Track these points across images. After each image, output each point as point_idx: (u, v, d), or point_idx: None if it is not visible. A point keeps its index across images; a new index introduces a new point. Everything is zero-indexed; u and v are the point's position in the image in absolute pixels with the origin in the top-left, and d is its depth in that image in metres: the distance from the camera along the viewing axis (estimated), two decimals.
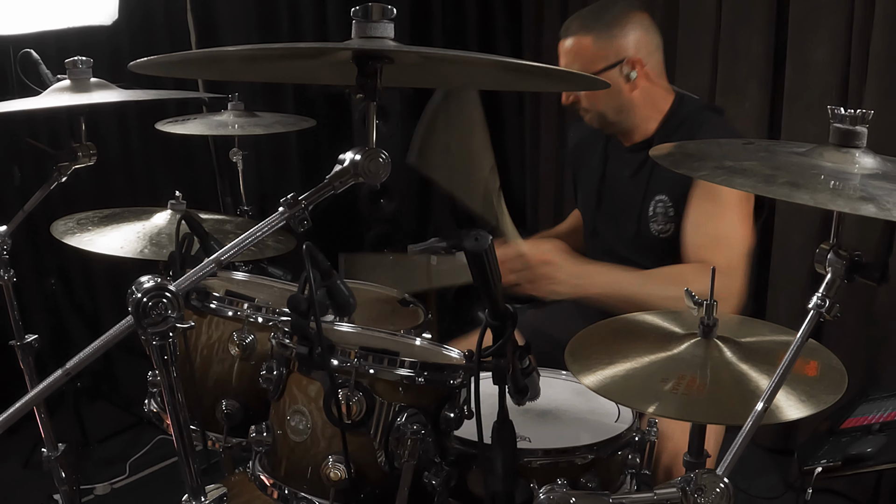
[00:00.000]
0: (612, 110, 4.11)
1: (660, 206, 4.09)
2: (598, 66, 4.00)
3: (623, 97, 4.09)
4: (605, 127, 4.24)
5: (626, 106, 4.12)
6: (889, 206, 1.96)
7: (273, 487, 2.88)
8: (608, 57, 4.01)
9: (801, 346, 2.15)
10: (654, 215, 4.11)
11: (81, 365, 2.03)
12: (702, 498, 2.03)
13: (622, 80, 4.05)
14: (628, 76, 4.05)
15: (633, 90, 4.08)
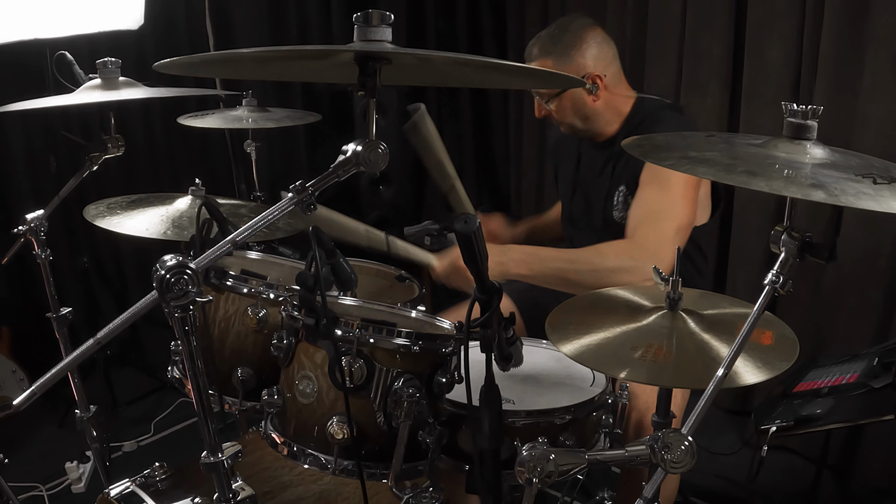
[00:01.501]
0: (579, 120, 4.14)
1: (621, 195, 4.12)
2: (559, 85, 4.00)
3: (588, 108, 4.12)
4: (576, 133, 4.26)
5: (591, 115, 4.14)
6: (837, 193, 1.97)
7: (283, 445, 2.89)
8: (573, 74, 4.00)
9: (757, 317, 2.16)
10: (617, 204, 4.14)
11: (111, 335, 2.04)
12: (668, 454, 2.03)
13: (585, 93, 4.07)
14: (590, 90, 4.06)
15: (596, 101, 4.10)
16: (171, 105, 5.70)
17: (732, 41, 5.77)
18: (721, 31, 5.78)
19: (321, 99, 7.40)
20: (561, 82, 3.61)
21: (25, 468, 5.42)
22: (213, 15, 6.93)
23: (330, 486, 3.39)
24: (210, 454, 2.28)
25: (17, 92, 4.08)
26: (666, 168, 2.27)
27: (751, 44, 5.62)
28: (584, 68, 4.06)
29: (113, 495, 3.19)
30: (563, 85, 3.97)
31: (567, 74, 2.85)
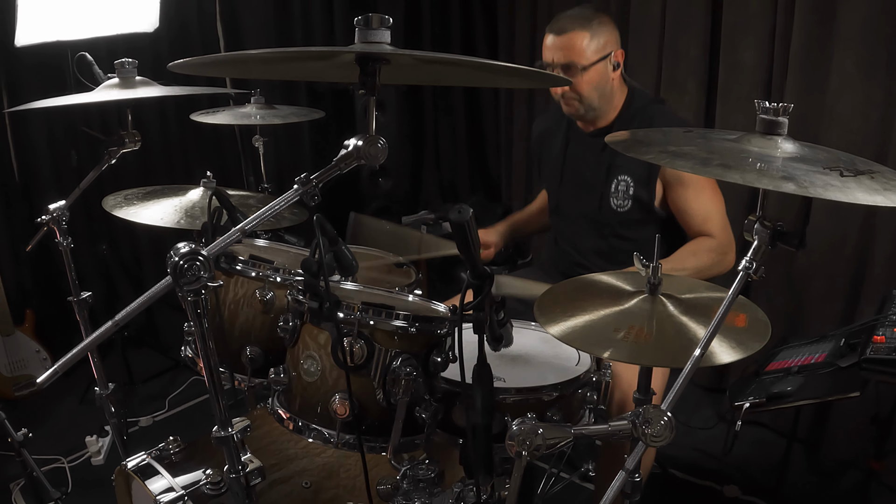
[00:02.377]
0: (598, 97, 4.09)
1: (622, 184, 4.10)
2: (593, 57, 3.98)
3: (608, 84, 4.10)
4: (587, 113, 4.20)
5: (607, 93, 4.12)
6: (806, 185, 1.98)
7: (289, 420, 2.90)
8: (602, 49, 4.00)
9: (732, 301, 2.16)
10: (616, 192, 4.12)
11: (128, 317, 2.05)
12: (648, 429, 2.04)
13: (611, 69, 4.07)
14: (615, 66, 4.06)
15: (615, 80, 4.10)
16: (184, 103, 5.70)
17: (708, 42, 5.77)
18: (698, 32, 5.77)
19: (324, 97, 7.41)
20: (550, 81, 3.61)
21: (48, 442, 5.42)
22: (224, 18, 6.95)
23: (333, 459, 3.41)
24: (221, 429, 2.30)
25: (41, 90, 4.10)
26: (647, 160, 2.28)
27: (726, 45, 5.62)
28: (612, 45, 4.06)
29: (130, 467, 3.20)
30: (552, 84, 3.97)
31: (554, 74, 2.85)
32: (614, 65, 4.09)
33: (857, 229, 5.02)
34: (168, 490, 3.04)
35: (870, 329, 3.53)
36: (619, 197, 4.12)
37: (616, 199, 4.13)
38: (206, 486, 3.04)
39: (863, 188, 2.04)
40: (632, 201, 4.10)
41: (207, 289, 2.09)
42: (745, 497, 4.93)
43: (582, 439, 2.22)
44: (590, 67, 4.02)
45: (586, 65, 4.02)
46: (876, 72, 4.75)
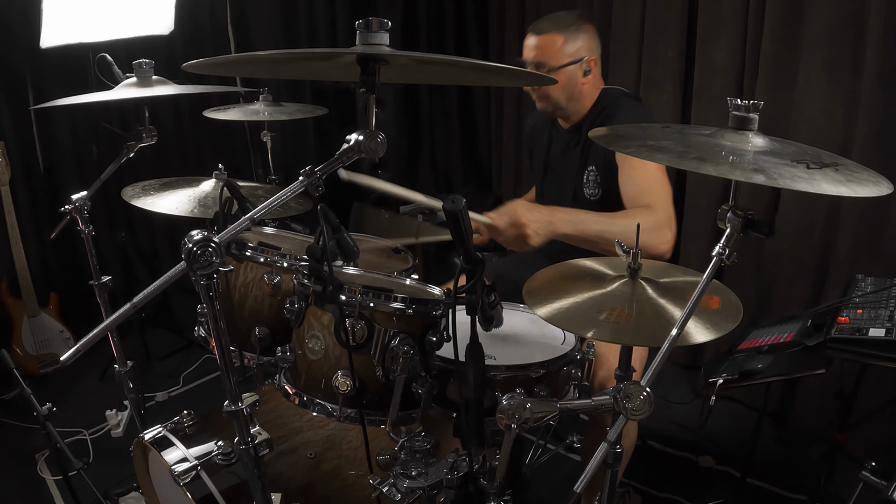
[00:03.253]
0: (565, 98, 4.10)
1: (591, 175, 4.12)
2: (563, 60, 3.99)
3: (577, 88, 4.09)
4: (555, 112, 4.23)
5: (577, 95, 4.12)
6: (775, 176, 1.98)
7: (295, 395, 2.90)
8: (574, 54, 4.01)
9: (706, 285, 2.16)
10: (587, 182, 4.14)
11: (145, 300, 2.05)
12: (629, 403, 2.04)
13: (580, 74, 4.07)
14: (586, 72, 4.06)
15: (584, 84, 4.09)
16: (198, 100, 5.68)
17: (684, 44, 5.77)
18: (674, 35, 5.77)
19: (328, 95, 7.40)
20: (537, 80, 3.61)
21: (71, 416, 5.43)
22: (234, 22, 6.95)
23: (335, 431, 3.42)
24: (231, 403, 2.30)
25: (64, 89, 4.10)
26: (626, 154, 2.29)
27: (700, 47, 5.62)
28: (585, 51, 4.05)
29: (147, 439, 3.20)
30: (537, 83, 3.97)
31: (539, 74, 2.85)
32: (585, 70, 4.09)
33: (823, 218, 5.02)
34: (182, 460, 3.05)
35: (834, 311, 3.54)
36: (591, 186, 4.13)
37: (588, 188, 4.15)
38: (218, 456, 3.05)
39: (828, 180, 2.05)
40: (601, 189, 4.11)
41: (219, 273, 2.09)
42: (718, 467, 4.94)
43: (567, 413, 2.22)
44: (559, 69, 4.02)
45: (556, 66, 4.02)
46: (840, 72, 4.76)
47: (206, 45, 6.77)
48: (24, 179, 5.98)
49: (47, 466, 5.01)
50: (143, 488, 3.65)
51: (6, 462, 5.07)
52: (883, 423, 4.65)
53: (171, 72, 3.80)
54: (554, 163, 4.46)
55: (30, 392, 3.90)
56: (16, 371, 3.84)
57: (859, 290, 3.74)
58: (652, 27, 5.95)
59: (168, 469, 3.03)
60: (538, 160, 4.61)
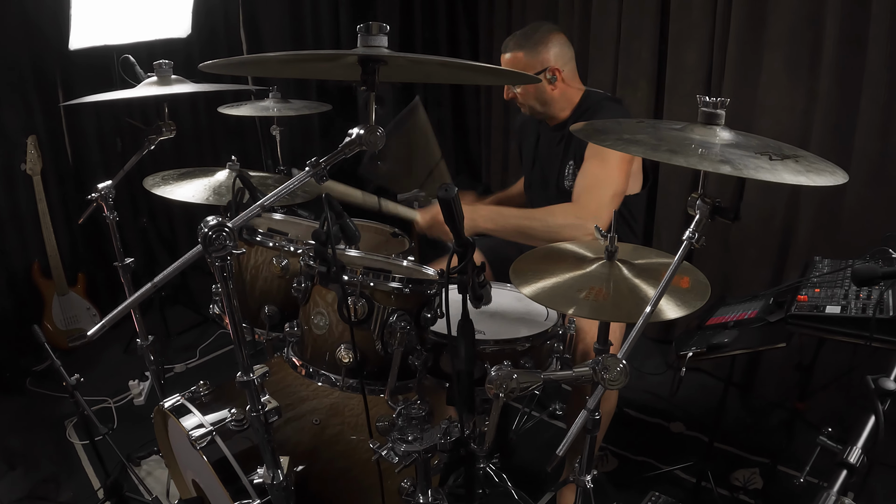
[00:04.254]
0: (538, 103, 4.14)
1: (570, 168, 4.14)
2: (529, 72, 4.01)
3: (546, 94, 4.12)
4: (535, 114, 4.27)
5: (549, 101, 4.14)
6: (740, 167, 1.99)
7: (301, 367, 2.91)
8: (536, 66, 4.04)
9: (677, 266, 2.16)
10: (567, 175, 4.16)
11: (165, 279, 2.05)
12: (607, 374, 2.05)
13: (546, 82, 4.09)
14: (550, 80, 4.08)
15: (554, 90, 4.11)
16: (213, 98, 5.69)
17: (657, 47, 5.77)
18: (648, 39, 5.77)
19: (331, 93, 7.38)
20: (521, 79, 3.61)
21: (97, 385, 5.43)
22: (246, 26, 6.94)
23: (338, 400, 3.41)
24: (243, 374, 2.31)
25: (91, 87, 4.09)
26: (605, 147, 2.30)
27: (672, 49, 5.61)
28: (547, 62, 4.07)
29: (167, 407, 3.20)
30: (523, 82, 3.99)
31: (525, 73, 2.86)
32: (549, 78, 4.11)
33: (784, 205, 5.03)
34: (199, 426, 3.05)
35: (794, 290, 3.54)
36: (569, 179, 4.16)
37: (567, 180, 4.17)
38: (231, 422, 3.06)
39: (788, 170, 2.05)
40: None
41: (232, 256, 2.10)
42: (688, 432, 4.95)
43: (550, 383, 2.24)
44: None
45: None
46: (799, 71, 4.76)
47: (220, 47, 6.75)
48: (54, 170, 5.97)
49: (75, 432, 5.01)
50: (163, 452, 3.66)
51: (38, 428, 5.08)
52: (838, 393, 4.66)
53: (188, 72, 3.82)
54: (541, 156, 4.47)
55: (59, 364, 3.90)
56: (47, 345, 3.84)
57: (817, 270, 3.75)
58: (627, 31, 5.95)
59: (186, 434, 3.04)
60: (527, 153, 4.64)
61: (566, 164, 4.19)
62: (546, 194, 4.39)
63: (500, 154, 8.04)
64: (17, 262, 5.93)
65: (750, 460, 4.58)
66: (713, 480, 4.28)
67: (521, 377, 2.17)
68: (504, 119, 7.76)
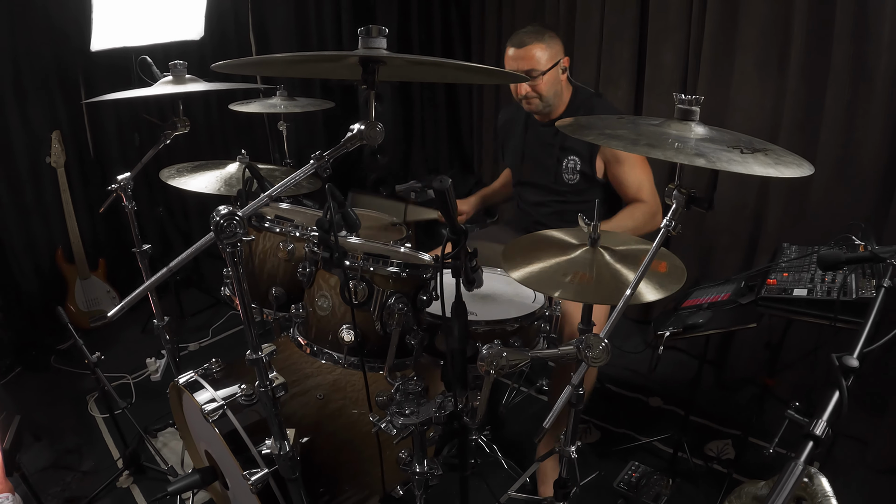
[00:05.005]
0: (552, 94, 4.12)
1: (570, 163, 4.13)
2: (549, 64, 4.03)
3: (560, 84, 4.13)
4: (544, 108, 4.23)
5: (559, 90, 4.14)
6: (714, 160, 1.99)
7: (306, 346, 2.90)
8: (554, 57, 4.03)
9: (655, 252, 2.16)
10: (566, 169, 4.15)
11: (179, 264, 2.06)
12: (590, 352, 2.05)
13: (560, 72, 4.09)
14: (564, 70, 4.09)
15: (564, 81, 4.12)
16: (224, 95, 5.70)
17: (637, 48, 5.76)
18: (628, 40, 5.76)
19: (334, 91, 7.37)
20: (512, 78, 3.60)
21: (116, 363, 5.43)
22: (255, 29, 6.93)
23: (341, 376, 3.43)
24: (252, 352, 2.32)
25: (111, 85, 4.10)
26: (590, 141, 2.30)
27: (651, 50, 5.61)
28: (560, 54, 4.09)
29: (181, 383, 3.21)
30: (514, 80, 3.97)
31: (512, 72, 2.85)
32: (563, 69, 4.12)
33: (755, 195, 5.03)
34: (211, 401, 3.06)
35: (764, 274, 3.54)
36: (569, 172, 4.14)
37: (567, 174, 4.16)
38: (241, 397, 3.07)
39: (759, 163, 2.06)
40: (579, 175, 4.12)
41: (242, 242, 2.11)
42: (666, 406, 4.96)
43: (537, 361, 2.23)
44: (547, 72, 4.04)
45: (544, 70, 4.03)
46: (769, 71, 4.76)
47: (231, 49, 6.75)
48: (76, 163, 5.97)
49: (96, 406, 5.01)
50: (178, 425, 3.66)
51: (62, 402, 5.08)
52: (805, 370, 4.67)
53: (201, 71, 3.84)
54: (531, 151, 4.44)
55: (81, 343, 3.91)
56: (70, 325, 3.85)
57: (785, 256, 3.75)
58: (609, 33, 5.94)
59: (199, 408, 3.04)
60: (513, 149, 4.60)
61: (565, 158, 4.18)
62: (538, 186, 4.39)
63: (490, 149, 8.04)
64: (42, 248, 5.95)
65: (723, 432, 4.59)
66: (689, 451, 4.29)
67: (510, 355, 2.18)
68: (494, 115, 7.75)
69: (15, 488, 3.93)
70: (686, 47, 5.37)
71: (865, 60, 4.22)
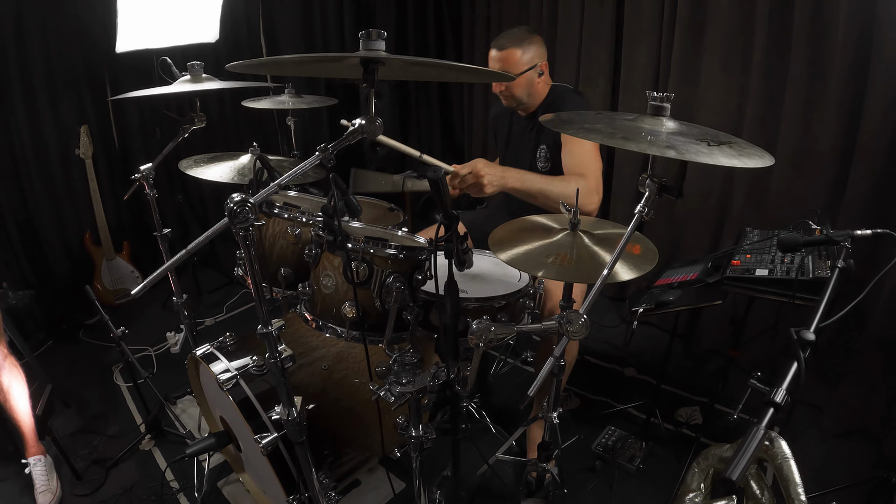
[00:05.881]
0: (525, 95, 4.10)
1: (542, 152, 4.12)
2: (522, 67, 4.00)
3: (534, 86, 4.09)
4: (518, 106, 4.23)
5: (533, 92, 4.11)
6: (683, 152, 1.99)
7: (312, 321, 2.90)
8: (530, 61, 4.00)
9: (630, 235, 2.17)
10: (539, 157, 4.14)
11: (197, 247, 2.07)
12: (570, 327, 2.05)
13: (536, 76, 4.07)
14: (539, 73, 4.07)
15: (539, 82, 4.09)
16: (237, 93, 5.69)
17: (613, 50, 5.75)
18: (605, 43, 5.76)
19: (337, 89, 7.35)
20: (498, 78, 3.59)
21: (139, 337, 5.43)
22: (265, 33, 6.92)
23: (343, 349, 3.43)
24: (263, 327, 2.32)
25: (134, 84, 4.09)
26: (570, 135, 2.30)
27: (626, 51, 5.60)
28: (537, 58, 4.05)
29: (198, 354, 3.21)
30: (499, 80, 3.96)
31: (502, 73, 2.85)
32: (539, 73, 4.10)
33: (720, 184, 5.04)
34: (225, 371, 3.07)
35: (729, 255, 3.55)
36: (542, 161, 4.14)
37: (540, 162, 4.15)
38: (253, 367, 3.09)
39: (724, 154, 2.06)
40: (550, 163, 4.12)
41: (253, 226, 2.12)
42: (639, 376, 4.96)
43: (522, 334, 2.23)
44: (520, 74, 4.03)
45: (518, 72, 4.02)
46: (733, 71, 4.76)
47: (243, 51, 6.74)
48: (103, 154, 5.97)
49: (121, 376, 5.01)
50: (195, 393, 3.67)
51: (89, 372, 5.08)
52: (766, 343, 4.69)
53: (216, 71, 3.85)
54: (514, 141, 4.45)
55: (107, 318, 3.92)
56: (97, 302, 3.85)
57: (748, 239, 3.75)
58: (588, 36, 5.93)
59: (214, 377, 3.05)
60: (501, 139, 4.61)
61: (538, 147, 4.18)
62: None
63: (480, 141, 8.03)
64: (71, 232, 5.96)
65: (691, 400, 4.60)
66: (660, 417, 4.30)
67: (497, 329, 2.18)
68: (483, 111, 7.77)
69: (47, 450, 3.95)
70: (658, 50, 5.37)
71: (821, 61, 4.23)
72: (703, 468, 1.25)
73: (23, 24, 5.33)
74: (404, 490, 3.83)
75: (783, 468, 1.19)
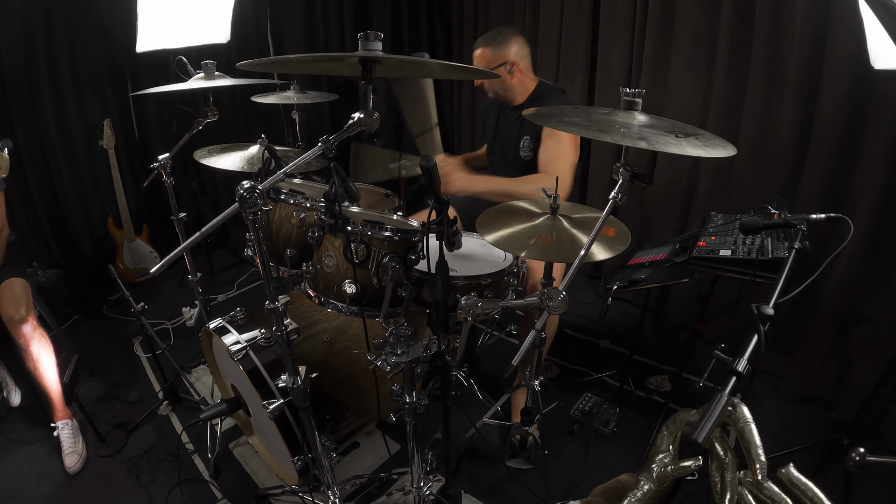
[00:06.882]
0: (500, 89, 4.11)
1: (525, 141, 4.12)
2: (494, 64, 4.00)
3: (506, 82, 4.09)
4: (498, 97, 4.23)
5: (508, 87, 4.11)
6: (654, 142, 1.99)
7: (315, 297, 2.89)
8: (499, 60, 4.00)
9: (605, 219, 2.16)
10: (522, 147, 4.14)
11: (210, 229, 2.08)
12: (550, 302, 2.05)
13: (506, 72, 4.06)
14: (509, 70, 4.05)
15: (513, 79, 4.08)
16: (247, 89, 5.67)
17: (590, 50, 5.74)
18: (582, 44, 5.75)
19: (338, 85, 7.33)
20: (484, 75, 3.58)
21: (157, 311, 5.43)
22: (273, 34, 6.90)
23: (344, 323, 3.44)
24: (270, 303, 2.33)
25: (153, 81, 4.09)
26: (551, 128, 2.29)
27: (601, 51, 5.59)
28: (507, 56, 4.04)
29: (212, 328, 3.22)
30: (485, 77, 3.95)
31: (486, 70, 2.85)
32: (509, 70, 4.09)
33: (687, 172, 5.04)
34: (236, 343, 3.07)
35: (695, 237, 3.55)
36: (525, 150, 4.14)
37: (523, 151, 4.15)
38: (261, 340, 3.10)
39: (690, 145, 2.06)
40: (532, 152, 4.12)
41: (261, 211, 2.12)
42: (614, 347, 4.97)
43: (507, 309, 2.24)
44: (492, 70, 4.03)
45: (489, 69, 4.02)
46: (699, 69, 4.76)
47: (252, 51, 6.72)
48: (124, 145, 5.96)
49: (141, 347, 5.01)
50: (209, 363, 3.67)
51: (112, 344, 5.08)
52: (729, 317, 4.70)
53: (228, 69, 3.84)
54: (501, 130, 4.43)
55: (128, 294, 3.91)
56: (119, 280, 3.84)
57: (712, 223, 3.76)
58: (567, 38, 5.92)
59: (226, 349, 3.05)
60: (489, 128, 4.60)
61: (522, 138, 4.17)
62: (505, 161, 4.38)
63: (468, 133, 8.02)
64: (95, 216, 5.95)
65: (661, 369, 4.61)
66: (633, 385, 4.31)
67: (484, 305, 2.17)
68: (472, 105, 7.76)
69: (73, 415, 3.95)
70: (630, 49, 5.36)
71: (779, 61, 4.23)
72: (671, 431, 1.25)
73: (51, 26, 5.32)
74: (399, 451, 3.85)
75: (745, 431, 1.19)
